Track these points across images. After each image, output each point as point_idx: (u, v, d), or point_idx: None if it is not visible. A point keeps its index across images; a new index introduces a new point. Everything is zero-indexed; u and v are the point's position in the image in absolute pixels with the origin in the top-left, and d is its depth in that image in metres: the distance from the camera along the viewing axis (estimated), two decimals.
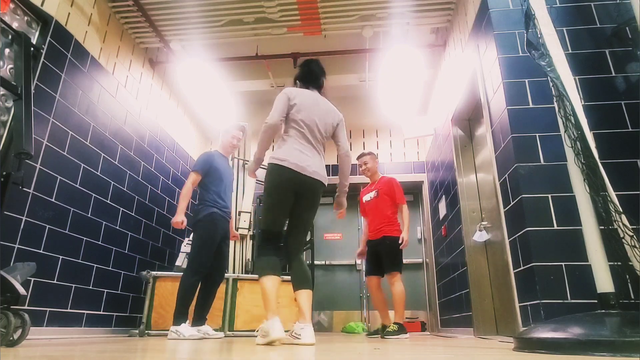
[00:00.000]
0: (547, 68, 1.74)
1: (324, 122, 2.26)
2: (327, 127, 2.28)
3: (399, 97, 4.41)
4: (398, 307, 3.27)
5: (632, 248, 1.45)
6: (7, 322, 1.63)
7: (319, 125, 2.23)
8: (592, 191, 1.55)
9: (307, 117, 2.21)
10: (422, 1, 3.35)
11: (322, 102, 2.32)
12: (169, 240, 4.31)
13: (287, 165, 2.09)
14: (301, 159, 2.12)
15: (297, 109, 2.20)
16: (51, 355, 1.24)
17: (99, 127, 3.21)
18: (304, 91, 2.29)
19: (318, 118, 2.23)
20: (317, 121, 2.23)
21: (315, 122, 2.22)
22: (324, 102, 2.32)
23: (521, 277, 2.05)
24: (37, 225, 2.54)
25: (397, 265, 3.33)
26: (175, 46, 3.90)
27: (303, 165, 2.11)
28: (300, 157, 2.13)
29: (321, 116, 2.25)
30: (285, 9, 3.44)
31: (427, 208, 5.00)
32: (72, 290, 2.85)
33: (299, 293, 2.09)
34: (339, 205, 2.45)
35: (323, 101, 2.33)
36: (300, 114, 2.20)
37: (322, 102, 2.31)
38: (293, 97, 2.22)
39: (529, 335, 1.44)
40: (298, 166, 2.10)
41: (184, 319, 2.79)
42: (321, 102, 2.31)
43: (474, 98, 3.08)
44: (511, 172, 2.15)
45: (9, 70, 2.39)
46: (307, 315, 2.01)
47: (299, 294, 2.08)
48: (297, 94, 2.25)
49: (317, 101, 2.28)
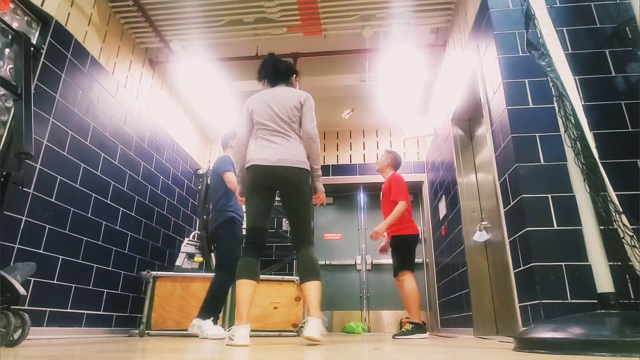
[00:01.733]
0: (547, 68, 1.74)
1: (284, 107, 2.20)
2: (289, 112, 2.20)
3: (399, 97, 4.41)
4: (409, 306, 3.23)
5: (632, 248, 1.45)
6: (7, 322, 1.63)
7: (279, 114, 2.19)
8: (592, 191, 1.55)
9: (265, 114, 2.20)
10: (422, 1, 3.35)
11: (280, 92, 2.28)
12: (169, 240, 4.31)
13: (251, 163, 2.13)
14: (263, 153, 2.13)
15: (255, 112, 2.23)
16: (51, 355, 1.24)
17: (99, 127, 3.21)
18: (259, 93, 2.31)
19: (276, 108, 2.20)
20: (276, 111, 2.19)
21: (274, 113, 2.19)
22: (282, 91, 2.28)
23: (521, 277, 2.05)
24: (37, 225, 2.54)
25: (405, 264, 3.27)
26: (175, 46, 3.90)
27: (266, 157, 2.11)
28: (263, 151, 2.13)
29: (279, 105, 2.21)
30: (285, 9, 3.44)
31: (427, 208, 5.00)
32: (72, 290, 2.85)
33: (305, 286, 2.01)
34: (313, 191, 2.34)
35: (281, 91, 2.29)
36: (258, 115, 2.22)
37: (279, 92, 2.28)
38: (250, 105, 2.28)
39: (529, 335, 1.44)
40: (260, 159, 2.11)
41: (210, 316, 2.83)
42: (279, 92, 2.28)
43: (474, 98, 3.08)
44: (511, 172, 2.15)
45: (9, 70, 2.39)
46: (312, 308, 1.94)
47: (304, 287, 2.02)
48: (253, 99, 2.29)
49: (272, 95, 2.26)
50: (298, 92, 2.28)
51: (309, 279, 2.00)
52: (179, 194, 4.61)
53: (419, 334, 3.10)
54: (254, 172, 2.12)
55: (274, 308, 3.45)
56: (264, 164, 2.09)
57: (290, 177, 2.11)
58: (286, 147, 2.14)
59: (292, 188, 2.12)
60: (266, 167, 2.09)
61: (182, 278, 3.42)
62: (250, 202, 2.13)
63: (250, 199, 2.13)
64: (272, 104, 2.21)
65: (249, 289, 1.97)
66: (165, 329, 3.27)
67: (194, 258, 3.70)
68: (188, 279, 3.40)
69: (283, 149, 2.13)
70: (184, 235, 4.59)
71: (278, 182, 2.12)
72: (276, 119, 2.18)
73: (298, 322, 3.41)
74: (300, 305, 3.47)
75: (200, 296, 3.31)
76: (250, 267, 2.03)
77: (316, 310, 1.94)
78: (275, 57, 2.40)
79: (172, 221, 4.39)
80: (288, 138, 2.18)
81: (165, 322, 3.28)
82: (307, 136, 2.20)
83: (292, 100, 2.23)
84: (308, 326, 1.87)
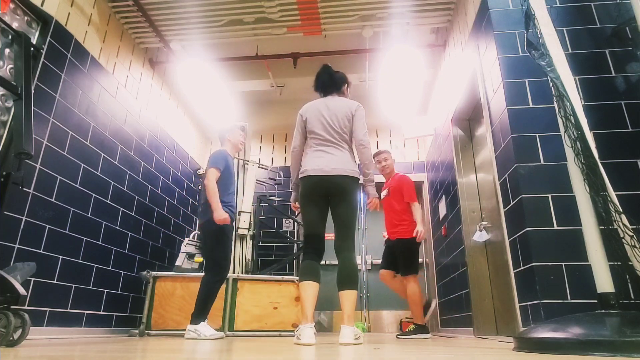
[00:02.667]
0: (547, 68, 1.74)
1: (336, 118, 2.31)
2: (341, 122, 2.30)
3: (399, 97, 4.41)
4: (414, 308, 3.24)
5: (632, 248, 1.45)
6: (7, 322, 1.63)
7: (331, 124, 2.29)
8: (592, 191, 1.55)
9: (318, 124, 2.30)
10: (422, 1, 3.35)
11: (332, 102, 2.38)
12: (169, 240, 4.31)
13: (307, 174, 2.23)
14: (318, 163, 2.23)
15: (309, 121, 2.34)
16: (51, 355, 1.24)
17: (99, 127, 3.21)
18: (313, 102, 2.40)
19: (329, 118, 2.30)
20: (329, 121, 2.30)
21: (327, 123, 2.30)
22: (333, 101, 2.38)
23: (521, 277, 2.05)
24: (37, 225, 2.54)
25: (412, 267, 3.27)
26: (175, 46, 3.90)
27: (320, 167, 2.21)
28: (317, 161, 2.23)
29: (331, 115, 2.31)
30: (285, 9, 3.44)
31: (427, 208, 5.00)
32: (72, 290, 2.85)
33: (341, 294, 2.08)
34: (367, 195, 2.42)
35: (333, 101, 2.38)
36: (311, 124, 2.32)
37: (331, 102, 2.37)
38: (304, 113, 2.37)
39: (529, 335, 1.44)
40: (315, 170, 2.21)
41: (203, 318, 2.80)
42: (330, 102, 2.37)
43: (474, 98, 3.08)
44: (511, 172, 2.15)
45: (9, 70, 2.39)
46: (346, 316, 2.01)
47: (341, 295, 2.08)
48: (307, 108, 2.39)
49: (324, 104, 2.36)
50: (349, 103, 2.36)
51: (348, 288, 2.07)
52: (179, 194, 4.61)
53: (422, 334, 3.13)
54: (309, 182, 2.22)
55: (274, 308, 3.45)
56: (320, 173, 2.20)
57: (343, 185, 2.21)
58: (339, 157, 2.25)
59: (344, 196, 2.22)
60: (322, 177, 2.20)
61: (182, 278, 3.42)
62: (307, 211, 2.25)
63: (307, 207, 2.25)
64: (325, 114, 2.31)
65: (312, 291, 2.08)
66: (165, 329, 3.27)
67: (194, 258, 3.70)
68: (188, 279, 3.40)
69: (336, 159, 2.24)
70: (184, 235, 4.59)
71: (332, 189, 2.22)
72: (329, 129, 2.29)
73: (298, 322, 3.41)
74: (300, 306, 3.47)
75: None
76: (312, 269, 2.15)
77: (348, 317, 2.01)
78: (330, 68, 2.50)
79: (172, 221, 4.39)
80: (340, 148, 2.28)
81: (165, 322, 3.28)
82: (358, 143, 2.30)
83: (344, 110, 2.32)
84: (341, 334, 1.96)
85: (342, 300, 2.05)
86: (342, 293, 2.07)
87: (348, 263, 2.14)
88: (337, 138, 2.28)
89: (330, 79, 2.45)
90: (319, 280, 2.13)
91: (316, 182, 2.21)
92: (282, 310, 3.45)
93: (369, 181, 2.34)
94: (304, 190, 2.25)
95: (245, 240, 4.12)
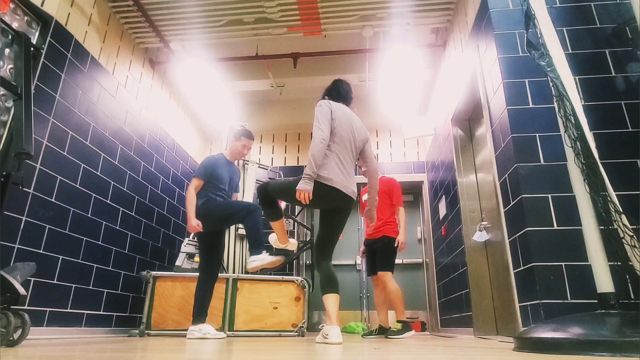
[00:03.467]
0: (547, 68, 1.74)
1: (358, 138, 2.37)
2: (358, 144, 2.39)
3: (399, 97, 4.41)
4: (397, 306, 3.28)
5: (632, 248, 1.45)
6: (7, 322, 1.63)
7: (353, 141, 2.34)
8: (592, 191, 1.55)
9: (346, 132, 2.31)
10: (422, 1, 3.35)
11: (355, 118, 2.42)
12: (169, 240, 4.31)
13: (333, 184, 2.20)
14: (342, 179, 2.25)
15: (338, 123, 2.29)
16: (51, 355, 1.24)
17: (99, 127, 3.21)
18: (340, 105, 2.39)
19: (352, 134, 2.34)
20: (352, 137, 2.33)
21: (351, 137, 2.33)
22: (356, 119, 2.42)
23: (521, 277, 2.05)
24: (37, 225, 2.54)
25: (389, 265, 3.35)
26: (175, 46, 3.90)
27: (344, 184, 2.25)
28: (341, 177, 2.25)
29: (355, 132, 2.36)
30: (285, 9, 3.44)
31: (427, 208, 5.00)
32: (72, 290, 2.85)
33: (325, 297, 2.21)
34: (371, 219, 2.66)
35: (355, 117, 2.42)
36: (339, 128, 2.29)
37: (355, 119, 2.41)
38: (334, 110, 2.32)
39: (529, 335, 1.44)
40: (339, 184, 2.23)
41: (202, 319, 2.84)
42: (354, 118, 2.41)
43: (474, 98, 3.07)
44: (511, 172, 2.15)
45: (9, 70, 2.39)
46: (333, 318, 2.14)
47: (325, 298, 2.20)
48: (336, 107, 2.34)
49: (350, 117, 2.38)
50: (365, 129, 2.48)
51: (331, 292, 2.22)
52: (179, 194, 4.61)
53: (408, 332, 3.19)
54: (333, 193, 2.22)
55: (274, 308, 3.45)
56: (343, 190, 2.24)
57: (350, 205, 2.35)
58: (351, 178, 2.33)
59: (347, 214, 2.37)
60: (344, 194, 2.25)
61: (182, 278, 3.42)
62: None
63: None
64: (353, 128, 2.35)
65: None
66: (165, 329, 3.27)
67: (194, 258, 3.70)
68: (188, 279, 3.40)
69: (351, 180, 2.32)
70: (184, 235, 4.59)
71: (344, 208, 2.33)
72: (350, 144, 2.33)
73: (298, 322, 3.41)
74: (300, 305, 3.47)
75: None
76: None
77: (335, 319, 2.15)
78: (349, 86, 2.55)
79: (172, 221, 4.39)
80: (352, 169, 2.36)
81: (165, 322, 3.28)
82: (375, 170, 2.49)
83: (363, 133, 2.43)
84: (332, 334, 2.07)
85: (327, 303, 2.19)
86: (329, 296, 2.20)
87: (332, 269, 2.30)
88: (352, 157, 2.36)
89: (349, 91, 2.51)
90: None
91: (337, 196, 2.24)
92: (282, 310, 3.45)
93: (375, 207, 2.57)
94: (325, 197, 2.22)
95: (245, 240, 4.13)
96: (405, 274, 5.09)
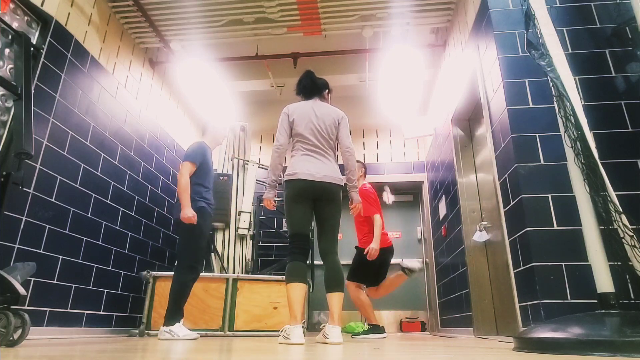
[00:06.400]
0: (547, 68, 1.74)
1: (324, 125, 2.37)
2: (329, 129, 2.38)
3: (399, 97, 4.41)
4: (362, 311, 3.42)
5: (632, 248, 1.45)
6: (7, 322, 1.63)
7: (320, 131, 2.35)
8: (592, 191, 1.55)
9: (307, 128, 2.34)
10: (422, 1, 3.35)
11: (319, 107, 2.42)
12: (169, 240, 4.31)
13: (298, 177, 2.25)
14: (309, 168, 2.27)
15: (296, 123, 2.35)
16: (51, 355, 1.24)
17: (99, 127, 3.21)
18: (299, 104, 2.44)
19: (317, 124, 2.35)
20: (317, 127, 2.35)
21: (315, 128, 2.34)
22: (320, 107, 2.43)
23: (521, 277, 2.05)
24: (37, 225, 2.54)
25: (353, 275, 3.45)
26: (175, 46, 3.90)
27: (312, 172, 2.26)
28: (308, 166, 2.28)
29: (319, 121, 2.36)
30: (285, 9, 3.44)
31: (427, 208, 5.00)
32: (72, 290, 2.85)
33: (329, 296, 2.17)
34: (351, 200, 2.50)
35: (319, 106, 2.43)
36: (300, 127, 2.34)
37: (318, 108, 2.42)
38: (291, 114, 2.38)
39: (529, 335, 1.44)
40: (306, 174, 2.25)
41: (178, 319, 2.70)
42: (317, 107, 2.42)
43: (474, 98, 3.08)
44: (511, 172, 2.15)
45: (9, 70, 2.39)
46: (336, 317, 2.10)
47: (329, 297, 2.16)
48: (294, 109, 2.41)
49: (312, 109, 2.40)
50: (336, 111, 2.46)
51: (334, 290, 2.16)
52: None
53: (377, 333, 3.23)
54: (299, 184, 2.26)
55: (274, 308, 3.45)
56: (311, 178, 2.25)
57: (331, 192, 2.30)
58: (327, 165, 2.33)
59: (331, 201, 2.31)
60: (313, 182, 2.25)
61: None
62: (295, 211, 2.28)
63: (295, 208, 2.28)
64: (314, 120, 2.36)
65: (301, 292, 2.13)
66: None
67: None
68: None
69: (325, 167, 2.31)
70: None
71: (321, 195, 2.29)
72: (317, 135, 2.34)
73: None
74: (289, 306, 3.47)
75: (200, 296, 3.32)
76: (300, 270, 2.19)
77: (337, 318, 2.11)
78: (312, 73, 2.55)
79: (172, 221, 4.39)
80: (327, 156, 2.36)
81: None
82: (345, 149, 2.41)
83: (331, 117, 2.41)
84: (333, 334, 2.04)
85: (332, 302, 2.14)
86: (332, 295, 2.16)
87: (336, 266, 2.24)
88: (325, 145, 2.36)
89: (312, 84, 2.51)
90: (306, 281, 2.20)
91: (306, 186, 2.25)
92: (282, 310, 3.45)
93: (353, 187, 2.44)
94: (292, 192, 2.27)
95: (245, 240, 4.13)
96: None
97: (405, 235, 5.29)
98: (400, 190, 5.37)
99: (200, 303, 3.32)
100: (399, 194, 5.44)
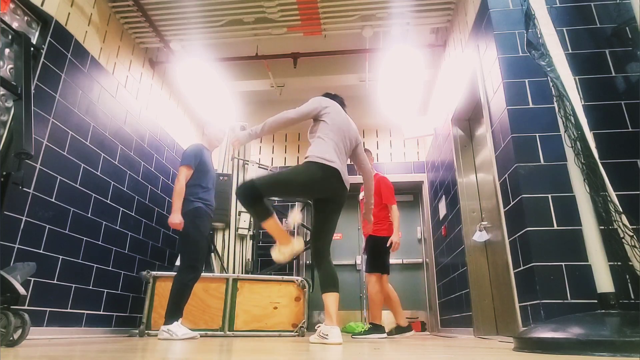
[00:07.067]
0: (547, 68, 1.74)
1: (349, 135, 2.37)
2: (352, 141, 2.40)
3: (399, 97, 4.41)
4: (372, 307, 3.31)
5: (632, 248, 1.45)
6: (7, 322, 1.63)
7: (345, 137, 2.34)
8: (592, 191, 1.55)
9: (339, 128, 2.31)
10: (422, 1, 3.35)
11: (350, 122, 2.45)
12: (169, 240, 4.31)
13: (335, 167, 2.15)
14: (341, 165, 2.21)
15: (332, 116, 2.31)
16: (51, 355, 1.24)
17: (99, 127, 3.21)
18: (338, 107, 2.43)
19: (346, 130, 2.35)
20: (346, 133, 2.34)
21: (344, 132, 2.33)
22: (351, 123, 2.46)
23: (521, 277, 2.05)
24: (37, 225, 2.54)
25: (373, 266, 3.34)
26: (175, 46, 3.90)
27: (343, 170, 2.22)
28: (340, 163, 2.21)
29: (349, 128, 2.38)
30: (285, 9, 3.44)
31: (427, 208, 5.00)
32: (72, 290, 2.85)
33: (326, 296, 2.17)
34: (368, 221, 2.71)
35: (351, 122, 2.46)
36: (335, 121, 2.31)
37: (351, 122, 2.45)
38: (328, 108, 2.33)
39: (529, 335, 1.44)
40: (341, 170, 2.19)
41: (176, 318, 2.72)
42: (351, 122, 2.45)
43: (474, 98, 3.08)
44: (511, 172, 2.15)
45: (9, 70, 2.39)
46: (333, 318, 2.11)
47: (326, 297, 2.16)
48: (333, 105, 2.38)
49: (347, 118, 2.43)
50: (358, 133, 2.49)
51: (331, 290, 2.18)
52: None
53: (377, 334, 3.19)
54: (334, 176, 2.17)
55: (274, 308, 3.45)
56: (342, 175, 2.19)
57: (345, 195, 2.29)
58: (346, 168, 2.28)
59: (341, 204, 2.31)
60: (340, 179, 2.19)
61: None
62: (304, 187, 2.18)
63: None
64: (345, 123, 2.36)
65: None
66: None
67: None
68: None
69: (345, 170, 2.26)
70: None
71: (338, 196, 2.26)
72: (344, 138, 2.31)
73: (298, 322, 3.41)
74: (300, 305, 3.47)
75: (200, 296, 3.32)
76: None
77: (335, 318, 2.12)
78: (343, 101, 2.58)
79: None
80: (345, 159, 2.34)
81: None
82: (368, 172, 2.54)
83: (355, 134, 2.45)
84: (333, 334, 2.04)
85: (329, 302, 2.14)
86: (329, 295, 2.16)
87: (331, 266, 2.26)
88: (346, 150, 2.36)
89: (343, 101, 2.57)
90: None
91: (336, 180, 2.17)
92: (282, 310, 3.45)
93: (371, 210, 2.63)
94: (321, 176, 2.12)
95: (245, 240, 4.13)
96: (405, 274, 5.10)
97: (405, 235, 5.27)
98: (400, 190, 5.37)
99: (200, 303, 3.32)
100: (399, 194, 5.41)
